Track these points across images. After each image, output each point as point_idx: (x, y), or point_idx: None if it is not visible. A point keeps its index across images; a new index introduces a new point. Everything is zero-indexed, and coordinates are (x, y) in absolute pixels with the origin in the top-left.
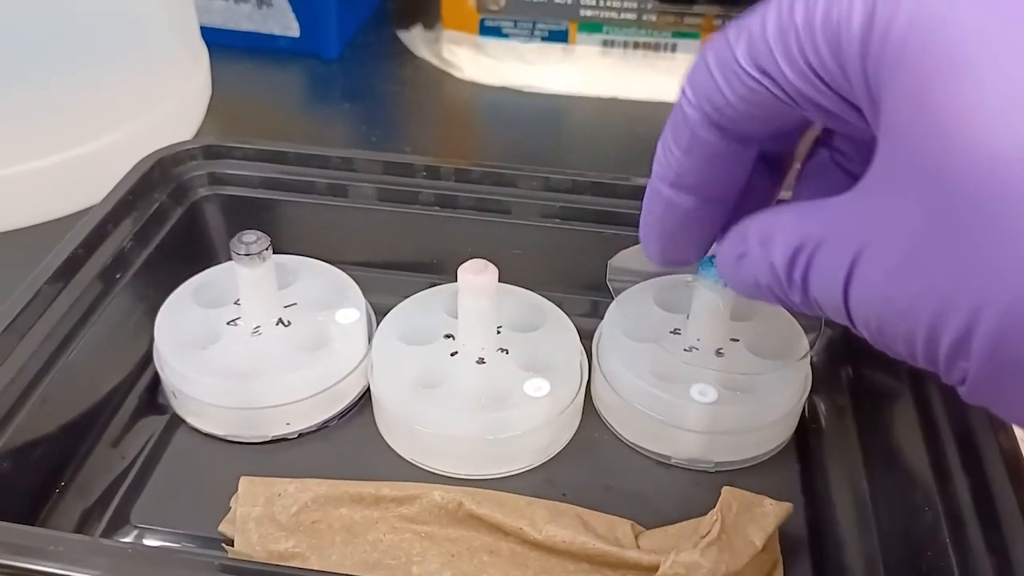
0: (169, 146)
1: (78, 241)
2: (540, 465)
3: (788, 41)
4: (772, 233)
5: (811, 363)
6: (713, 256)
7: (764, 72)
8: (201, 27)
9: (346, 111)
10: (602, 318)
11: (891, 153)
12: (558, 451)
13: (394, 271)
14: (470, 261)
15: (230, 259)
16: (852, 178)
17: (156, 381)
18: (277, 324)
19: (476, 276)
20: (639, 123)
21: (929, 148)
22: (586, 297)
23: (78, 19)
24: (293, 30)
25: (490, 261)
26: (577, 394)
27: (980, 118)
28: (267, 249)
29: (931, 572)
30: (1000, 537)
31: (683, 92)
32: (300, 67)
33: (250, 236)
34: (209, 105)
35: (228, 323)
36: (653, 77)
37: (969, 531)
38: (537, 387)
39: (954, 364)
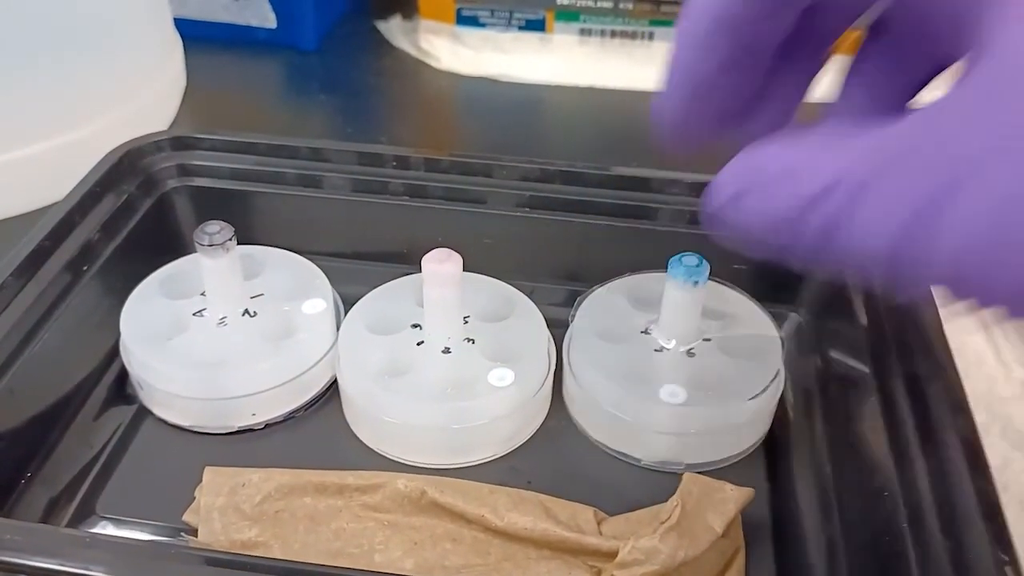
0: (138, 138)
1: (44, 233)
2: (505, 454)
3: None
4: (797, 165)
5: (783, 360)
6: (683, 255)
7: None
8: (177, 19)
9: (323, 102)
10: (574, 308)
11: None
12: (524, 441)
13: (365, 261)
14: (434, 250)
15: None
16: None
17: (124, 373)
18: (243, 315)
19: (440, 265)
20: (617, 112)
21: None
22: (559, 286)
23: (45, 11)
24: (270, 21)
25: (461, 251)
26: (543, 385)
27: None
28: (231, 239)
29: (889, 556)
30: (955, 522)
31: None
32: (277, 58)
33: (213, 226)
34: (184, 97)
35: (194, 314)
36: (631, 66)
37: (926, 516)
38: (501, 377)
39: None
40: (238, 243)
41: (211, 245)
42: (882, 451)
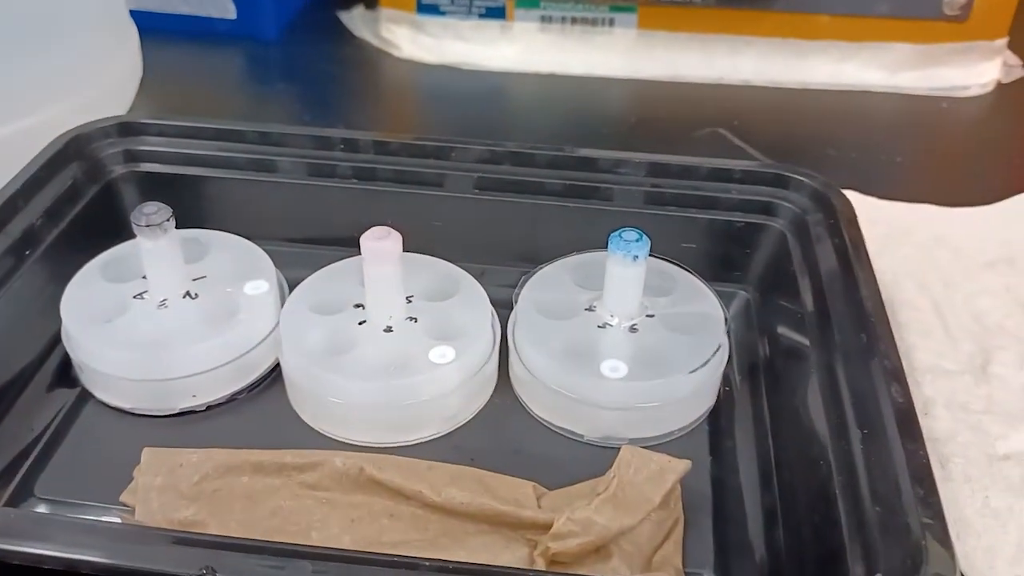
0: (84, 124)
1: None
2: (449, 432)
3: None
4: None
5: (728, 334)
6: (623, 230)
7: None
8: (136, 12)
9: (282, 91)
10: (518, 287)
11: None
12: (468, 419)
13: (315, 246)
14: (373, 228)
15: None
16: None
17: (68, 357)
18: (184, 297)
19: (378, 243)
20: (579, 99)
21: None
22: (510, 268)
23: None
24: (230, 12)
25: (412, 234)
26: (487, 363)
27: None
28: (168, 220)
29: (823, 524)
30: (886, 487)
31: None
32: (237, 50)
33: (151, 207)
34: (141, 88)
35: (134, 297)
36: (591, 52)
37: (859, 482)
38: (442, 354)
39: None
40: (186, 228)
41: (148, 226)
42: (820, 422)
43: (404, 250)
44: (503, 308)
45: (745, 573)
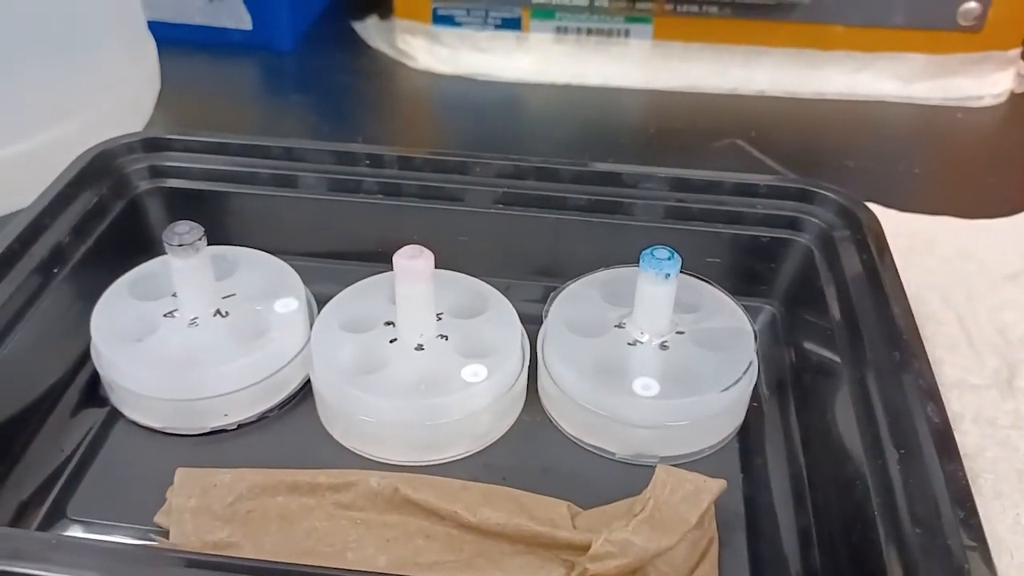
0: (109, 140)
1: (14, 236)
2: (480, 450)
3: None
4: None
5: (756, 351)
6: (655, 248)
7: None
8: (152, 22)
9: (299, 103)
10: (548, 303)
11: None
12: (498, 437)
13: (340, 261)
14: (405, 247)
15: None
16: None
17: (96, 376)
18: (215, 315)
19: (411, 261)
20: (594, 109)
21: None
22: (534, 283)
23: (12, 11)
24: (245, 23)
25: (436, 249)
26: (517, 380)
27: None
28: (200, 239)
29: (861, 544)
30: (926, 509)
31: None
32: (253, 60)
33: (183, 227)
34: (159, 100)
35: (164, 315)
36: (607, 63)
37: (898, 503)
38: (474, 372)
39: None
40: (211, 244)
41: (180, 245)
42: (854, 440)
43: None
44: (528, 324)
45: None
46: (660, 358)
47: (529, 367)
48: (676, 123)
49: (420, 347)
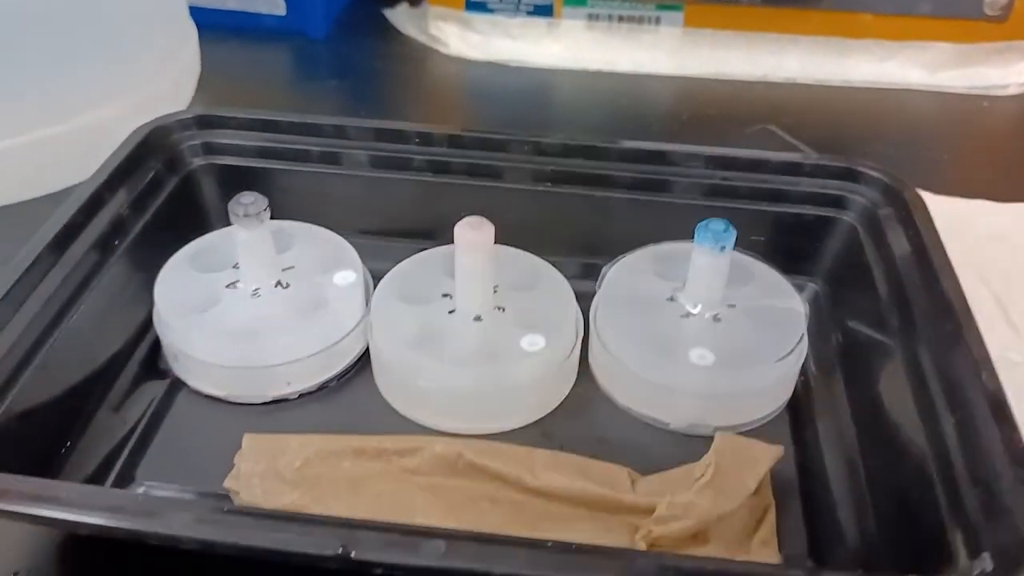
0: (163, 116)
1: (76, 208)
2: (536, 421)
3: None
4: None
5: (806, 324)
6: (710, 220)
7: None
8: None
9: (333, 88)
10: (596, 280)
11: None
12: (554, 407)
13: (388, 238)
14: (468, 217)
15: (225, 227)
16: None
17: (156, 348)
18: (276, 286)
19: (474, 231)
20: (625, 96)
21: None
22: (579, 260)
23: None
24: (279, 8)
25: None
26: (573, 350)
27: None
28: (265, 210)
29: (919, 508)
30: (984, 468)
31: None
32: (287, 46)
33: (248, 197)
34: (199, 84)
35: (227, 286)
36: (638, 50)
37: (955, 464)
38: (532, 342)
39: None
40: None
41: (246, 215)
42: (908, 409)
43: None
44: (578, 299)
45: (841, 556)
46: (713, 330)
47: (582, 342)
48: (708, 109)
49: (479, 318)
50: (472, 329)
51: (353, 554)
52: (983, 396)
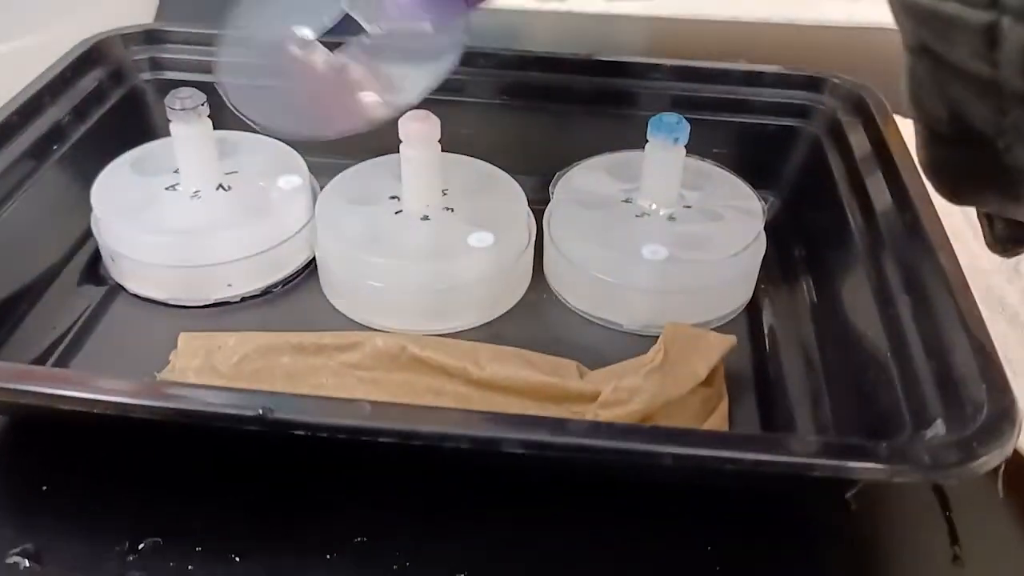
0: (109, 30)
1: (13, 109)
2: (488, 323)
3: None
4: None
5: (764, 228)
6: (663, 114)
7: None
8: None
9: None
10: (553, 183)
11: None
12: (505, 311)
13: (343, 157)
14: (412, 111)
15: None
16: None
17: (96, 255)
18: (217, 189)
19: (418, 122)
20: (596, 35)
21: None
22: (538, 175)
23: None
24: None
25: (440, 142)
26: (524, 251)
27: None
28: (203, 105)
29: (874, 390)
30: (939, 343)
31: None
32: None
33: (185, 91)
34: (160, 4)
35: (166, 189)
36: None
37: (911, 342)
38: (480, 239)
39: None
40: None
41: (183, 109)
42: (867, 298)
43: None
44: (534, 208)
45: None
46: (668, 228)
47: (535, 248)
48: (680, 49)
49: (426, 217)
50: (420, 228)
51: (272, 416)
52: (942, 273)
